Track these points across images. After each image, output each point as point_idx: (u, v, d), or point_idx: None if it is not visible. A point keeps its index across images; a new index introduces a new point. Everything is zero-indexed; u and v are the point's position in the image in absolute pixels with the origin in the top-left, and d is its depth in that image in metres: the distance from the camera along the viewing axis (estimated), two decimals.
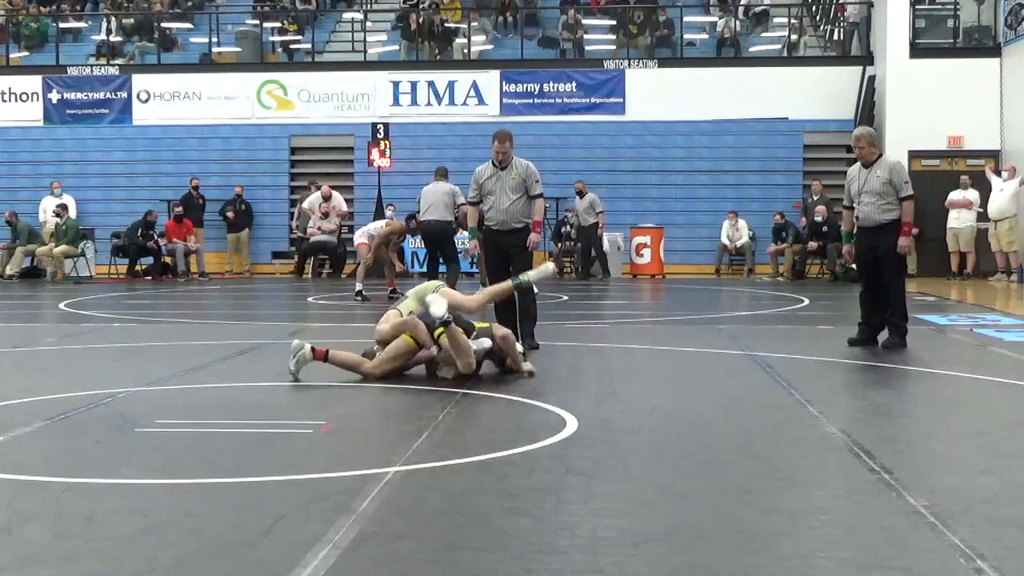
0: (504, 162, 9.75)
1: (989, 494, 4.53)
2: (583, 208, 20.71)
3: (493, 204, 9.76)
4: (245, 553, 3.78)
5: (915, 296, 14.91)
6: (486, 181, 9.79)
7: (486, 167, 9.88)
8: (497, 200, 9.74)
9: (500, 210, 9.73)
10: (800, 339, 10.67)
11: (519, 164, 9.82)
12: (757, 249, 21.71)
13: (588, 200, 20.68)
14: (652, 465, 5.16)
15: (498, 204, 9.74)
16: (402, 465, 5.01)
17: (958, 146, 21.03)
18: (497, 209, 9.75)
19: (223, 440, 5.75)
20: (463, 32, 24.73)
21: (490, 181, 9.77)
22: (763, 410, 6.62)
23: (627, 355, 9.34)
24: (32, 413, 6.38)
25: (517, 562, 3.66)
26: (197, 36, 25.62)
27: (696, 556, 3.74)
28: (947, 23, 22.36)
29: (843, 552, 3.80)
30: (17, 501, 4.48)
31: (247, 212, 22.54)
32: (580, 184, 21.01)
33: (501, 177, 9.77)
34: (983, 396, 7.35)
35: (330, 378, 7.76)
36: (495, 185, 9.75)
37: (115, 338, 10.83)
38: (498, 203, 9.74)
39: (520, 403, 6.81)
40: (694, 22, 25.35)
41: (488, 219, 9.85)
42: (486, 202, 9.80)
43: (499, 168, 9.80)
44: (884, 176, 9.52)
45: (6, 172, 23.77)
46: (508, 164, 9.77)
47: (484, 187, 9.80)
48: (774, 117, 22.56)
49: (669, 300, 16.80)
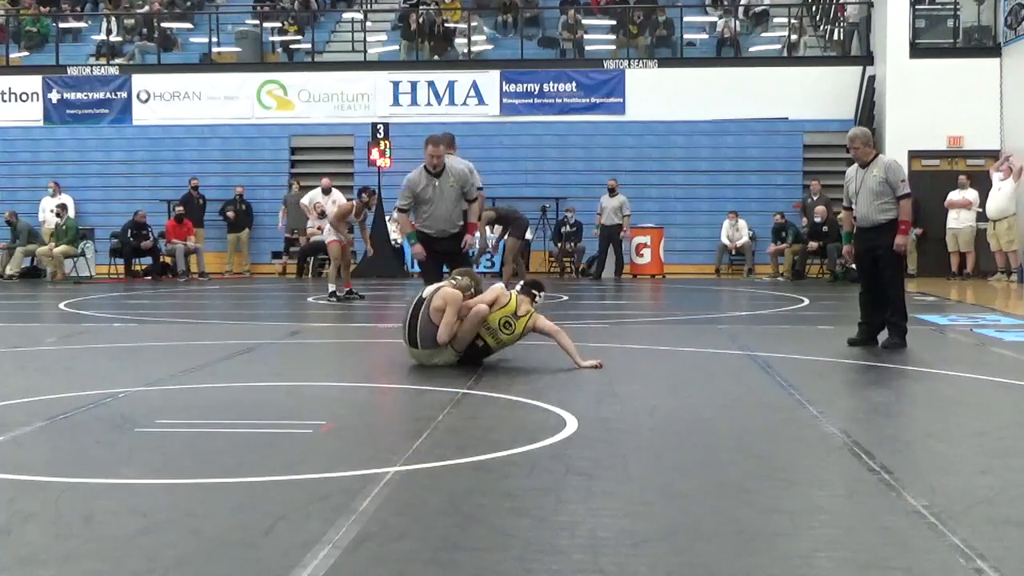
0: (438, 167, 9.50)
1: (989, 494, 4.53)
2: (612, 207, 20.60)
3: (431, 212, 9.53)
4: (245, 553, 3.78)
5: (915, 296, 14.91)
6: (423, 190, 9.52)
7: (420, 174, 9.57)
8: (435, 208, 9.51)
9: (438, 218, 9.52)
10: (800, 339, 10.67)
11: (455, 169, 9.57)
12: (757, 249, 21.70)
13: (619, 200, 20.59)
14: (652, 465, 5.16)
15: (436, 212, 9.52)
16: (402, 465, 5.01)
17: (958, 146, 21.02)
18: (435, 217, 9.53)
19: (223, 440, 5.75)
20: (463, 32, 24.73)
21: (428, 189, 9.52)
22: (763, 410, 6.61)
23: (627, 355, 9.34)
24: (32, 413, 6.38)
25: (517, 562, 3.66)
26: (197, 36, 25.62)
27: (696, 556, 3.74)
28: (947, 23, 22.36)
29: (843, 552, 3.80)
30: (17, 501, 4.48)
31: (247, 212, 22.54)
32: (613, 182, 20.90)
33: (437, 184, 9.52)
34: (983, 396, 7.35)
35: (330, 378, 7.76)
36: (433, 193, 9.50)
37: (115, 338, 10.82)
38: (436, 211, 9.51)
39: (520, 403, 6.80)
40: (694, 22, 25.35)
41: (425, 227, 9.60)
42: (422, 210, 9.55)
43: (433, 175, 9.55)
44: (881, 175, 9.52)
45: (6, 172, 23.77)
46: (443, 170, 9.53)
47: (420, 196, 9.53)
48: (774, 117, 22.56)
49: (669, 300, 16.80)
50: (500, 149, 22.31)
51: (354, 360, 9.35)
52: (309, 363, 8.80)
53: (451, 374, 8.00)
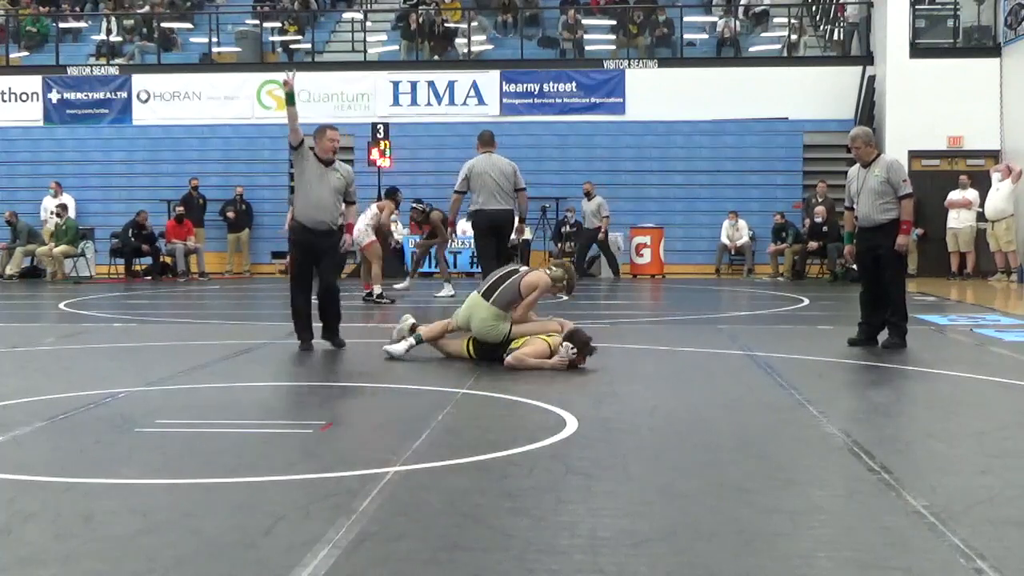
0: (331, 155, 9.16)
1: (989, 494, 4.53)
2: (590, 211, 20.64)
3: (311, 199, 9.09)
4: (245, 553, 3.78)
5: (915, 296, 14.91)
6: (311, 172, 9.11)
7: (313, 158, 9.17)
8: (320, 196, 9.08)
9: (318, 207, 9.09)
10: (800, 339, 10.67)
11: (343, 166, 9.34)
12: (757, 249, 21.71)
13: (596, 203, 20.59)
14: (652, 465, 5.16)
15: (319, 199, 9.08)
16: (402, 465, 5.01)
17: (958, 146, 21.03)
18: (316, 205, 9.10)
19: (223, 440, 5.75)
20: (463, 32, 24.73)
21: (315, 173, 9.13)
22: (763, 410, 6.61)
23: (627, 355, 9.34)
24: (32, 413, 6.38)
25: (517, 562, 3.66)
26: (197, 36, 25.63)
27: (696, 556, 3.74)
28: (947, 23, 22.37)
29: (843, 552, 3.80)
30: (17, 501, 4.48)
31: (247, 212, 22.55)
32: (588, 185, 20.91)
33: (325, 174, 9.14)
34: (983, 396, 7.35)
35: (330, 378, 7.76)
36: (320, 179, 9.11)
37: (115, 338, 10.82)
38: (319, 198, 9.08)
39: (520, 403, 6.80)
40: (694, 22, 25.36)
41: (299, 216, 9.22)
42: (306, 197, 9.14)
43: (323, 163, 9.17)
44: (882, 175, 9.51)
45: (6, 172, 23.80)
46: (333, 162, 9.21)
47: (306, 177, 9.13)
48: (774, 117, 22.57)
49: (669, 300, 16.80)
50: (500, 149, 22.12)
51: (354, 360, 9.35)
52: (309, 363, 8.80)
53: (451, 374, 8.01)
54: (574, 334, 8.24)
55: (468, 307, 8.70)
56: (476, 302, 8.65)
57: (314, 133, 9.36)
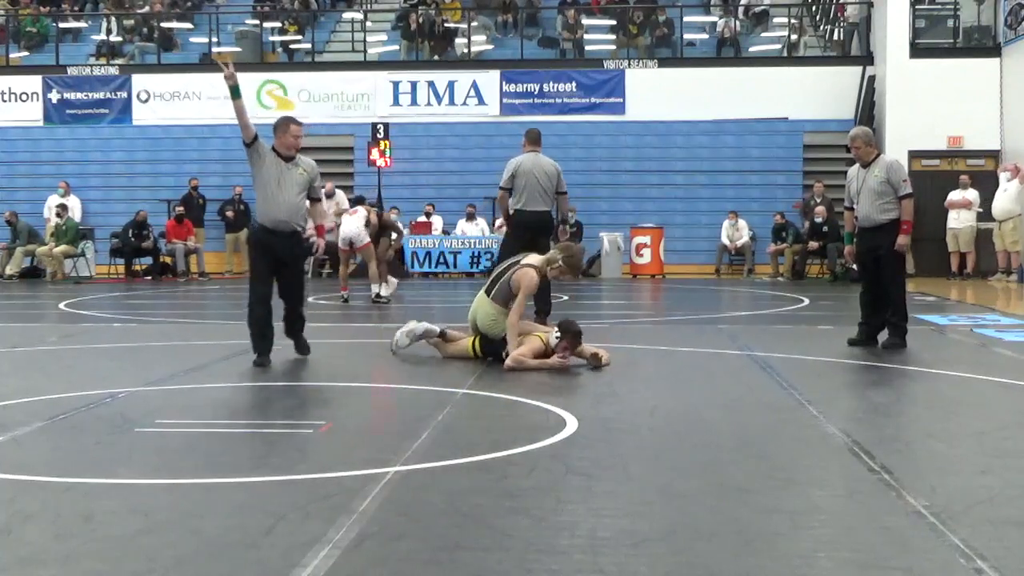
0: (293, 151, 8.48)
1: (989, 494, 4.53)
2: None
3: (272, 198, 8.36)
4: (245, 553, 3.78)
5: (915, 296, 14.91)
6: (270, 169, 8.41)
7: (272, 154, 8.50)
8: (282, 194, 8.37)
9: (280, 206, 8.37)
10: (800, 339, 10.67)
11: (305, 160, 8.63)
12: (757, 249, 21.70)
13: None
14: (652, 465, 5.16)
15: (281, 198, 8.36)
16: (402, 465, 5.01)
17: (958, 146, 21.03)
18: (278, 205, 8.38)
19: (223, 440, 5.75)
20: (463, 32, 24.73)
21: (275, 170, 8.43)
22: (763, 410, 6.61)
23: (627, 355, 9.33)
24: (32, 413, 6.38)
25: (517, 562, 3.66)
26: (197, 36, 25.63)
27: (695, 556, 3.74)
28: (947, 23, 22.37)
29: (843, 552, 3.80)
30: (17, 501, 4.48)
31: (246, 212, 22.51)
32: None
33: (287, 170, 8.43)
34: (983, 396, 7.35)
35: (330, 378, 7.76)
36: (281, 176, 8.40)
37: (115, 338, 10.82)
38: (282, 197, 8.36)
39: (520, 403, 6.80)
40: (694, 22, 25.36)
41: (260, 217, 8.60)
42: (266, 196, 8.44)
43: (284, 158, 8.48)
44: (882, 175, 9.51)
45: (6, 172, 23.78)
46: (294, 157, 8.52)
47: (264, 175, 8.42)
48: (774, 117, 22.57)
49: (669, 300, 16.80)
50: (500, 149, 22.17)
51: (354, 360, 9.35)
52: (309, 363, 8.79)
53: (451, 374, 8.01)
54: (564, 325, 8.32)
55: (474, 304, 8.77)
56: (480, 298, 8.74)
57: (275, 126, 8.83)
